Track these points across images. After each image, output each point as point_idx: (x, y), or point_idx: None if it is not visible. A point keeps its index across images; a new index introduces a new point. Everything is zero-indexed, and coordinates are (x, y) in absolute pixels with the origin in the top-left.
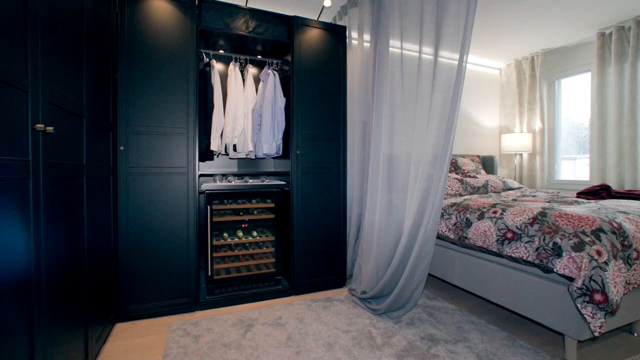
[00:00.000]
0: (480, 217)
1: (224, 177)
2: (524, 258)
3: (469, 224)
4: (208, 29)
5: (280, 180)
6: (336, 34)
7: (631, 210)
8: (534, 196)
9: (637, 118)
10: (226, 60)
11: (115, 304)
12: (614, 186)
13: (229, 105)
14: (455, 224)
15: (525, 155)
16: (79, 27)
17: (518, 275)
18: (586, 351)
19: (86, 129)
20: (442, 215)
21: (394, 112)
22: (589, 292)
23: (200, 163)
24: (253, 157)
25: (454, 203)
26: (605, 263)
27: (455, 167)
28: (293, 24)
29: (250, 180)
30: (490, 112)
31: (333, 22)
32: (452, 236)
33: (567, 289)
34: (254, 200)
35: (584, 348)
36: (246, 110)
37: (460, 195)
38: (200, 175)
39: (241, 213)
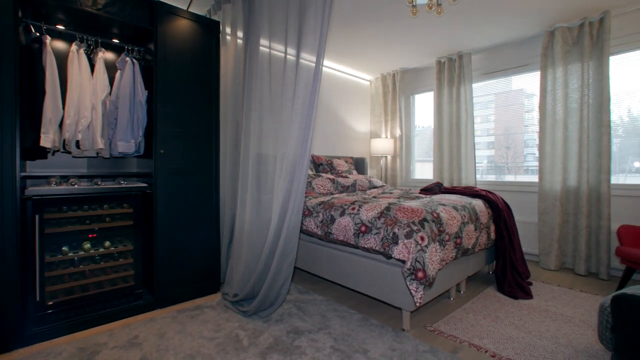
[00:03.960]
0: (342, 213)
1: (64, 180)
2: (373, 248)
3: (333, 220)
4: None
5: (143, 182)
6: (209, 28)
7: (448, 203)
8: (391, 193)
9: (460, 130)
10: (69, 39)
11: None
12: (447, 183)
13: (71, 94)
14: (322, 221)
15: (389, 158)
16: None
17: (370, 264)
18: (418, 319)
19: None
20: (312, 214)
21: (263, 113)
22: (414, 271)
23: (30, 162)
24: (107, 155)
25: (322, 202)
26: (426, 246)
27: (330, 167)
28: (157, 10)
29: (103, 183)
30: (363, 118)
31: (207, 16)
32: (319, 232)
33: (401, 270)
34: (106, 206)
35: (416, 317)
36: (95, 100)
37: (332, 194)
38: (28, 177)
39: (88, 221)
